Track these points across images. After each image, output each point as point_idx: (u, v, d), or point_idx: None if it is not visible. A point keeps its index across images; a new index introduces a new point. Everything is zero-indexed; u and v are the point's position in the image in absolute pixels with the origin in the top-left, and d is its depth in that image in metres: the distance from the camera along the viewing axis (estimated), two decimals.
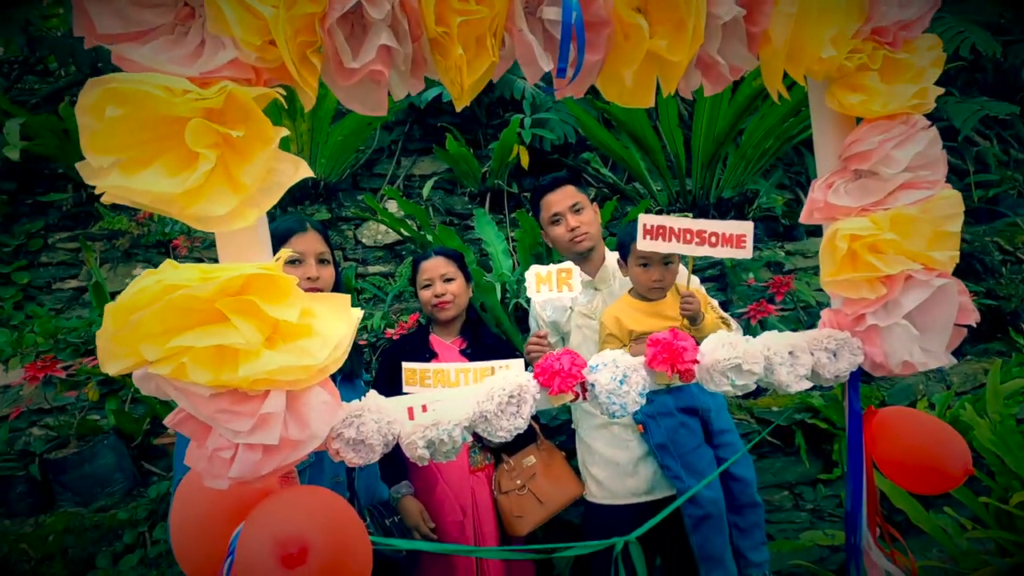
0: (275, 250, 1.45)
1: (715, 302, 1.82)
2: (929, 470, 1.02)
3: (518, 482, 1.73)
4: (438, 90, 3.32)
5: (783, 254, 3.24)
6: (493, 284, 2.67)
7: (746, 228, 1.31)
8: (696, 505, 1.55)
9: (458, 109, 0.86)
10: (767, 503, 2.62)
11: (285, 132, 0.73)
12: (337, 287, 1.55)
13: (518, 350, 1.86)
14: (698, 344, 0.97)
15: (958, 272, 3.06)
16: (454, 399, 0.89)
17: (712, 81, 0.99)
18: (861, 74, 0.96)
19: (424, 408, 0.88)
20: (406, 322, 2.53)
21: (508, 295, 2.74)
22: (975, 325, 0.97)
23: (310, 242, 1.48)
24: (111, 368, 0.68)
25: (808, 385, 1.00)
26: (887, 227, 0.94)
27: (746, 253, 1.31)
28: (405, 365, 1.47)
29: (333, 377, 1.50)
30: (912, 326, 0.96)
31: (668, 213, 3.24)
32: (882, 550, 1.13)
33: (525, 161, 3.21)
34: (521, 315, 2.67)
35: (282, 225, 1.50)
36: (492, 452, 1.78)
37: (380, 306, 2.86)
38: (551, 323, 1.94)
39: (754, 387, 0.98)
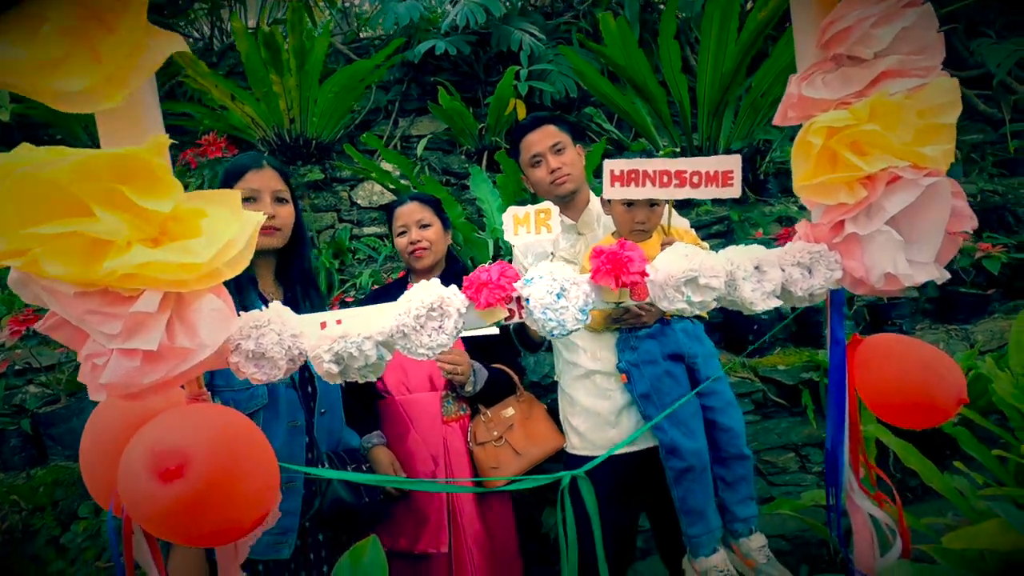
0: (230, 187, 1.41)
1: (706, 245, 1.70)
2: (916, 401, 0.90)
3: (495, 433, 1.66)
4: (431, 43, 3.20)
5: (796, 208, 3.06)
6: (485, 240, 2.58)
7: (733, 163, 1.16)
8: (678, 457, 1.46)
9: None
10: (772, 465, 2.51)
11: None
12: (298, 228, 1.49)
13: None
14: None
15: (988, 224, 2.86)
16: (373, 313, 0.81)
17: None
18: None
19: (339, 322, 0.81)
20: (395, 279, 2.47)
21: (502, 252, 2.65)
22: (971, 230, 0.84)
23: (266, 179, 1.41)
24: None
25: (776, 303, 0.89)
26: (867, 117, 0.81)
27: (734, 191, 1.17)
28: None
29: None
30: (896, 233, 0.84)
31: None
32: (866, 492, 1.02)
33: (523, 115, 3.08)
34: None
35: (237, 161, 1.44)
36: (469, 403, 1.71)
37: (373, 266, 2.80)
38: None
39: (714, 304, 0.88)
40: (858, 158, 0.83)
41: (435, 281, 0.82)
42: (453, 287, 0.83)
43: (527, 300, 0.83)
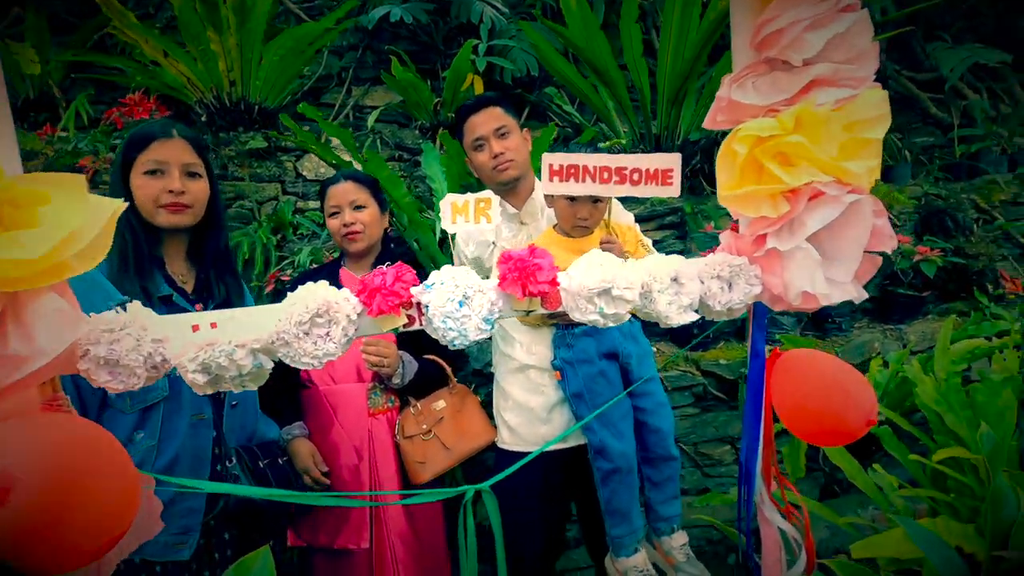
0: (132, 158, 1.29)
1: (648, 241, 1.67)
2: (827, 424, 0.89)
3: (424, 426, 1.61)
4: (386, 9, 3.04)
5: None
6: (431, 222, 2.49)
7: (672, 161, 1.13)
8: (605, 458, 1.44)
9: None
10: (708, 457, 2.55)
11: None
12: (214, 206, 1.37)
13: None
14: None
15: (929, 227, 2.91)
16: (253, 316, 0.74)
17: None
18: None
19: (214, 325, 0.73)
20: (329, 260, 2.36)
21: (450, 234, 2.57)
22: (890, 251, 0.82)
23: (174, 150, 1.29)
24: None
25: (693, 317, 0.86)
26: (792, 127, 0.77)
27: (673, 190, 1.14)
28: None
29: (204, 306, 1.35)
30: (816, 250, 0.81)
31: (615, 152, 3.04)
32: (776, 505, 1.02)
33: (480, 91, 2.97)
34: None
35: (142, 129, 1.31)
36: (398, 395, 1.65)
37: (315, 242, 2.68)
38: (473, 259, 1.79)
39: (627, 317, 0.84)
40: (782, 170, 0.79)
41: (323, 283, 0.75)
42: (345, 290, 0.76)
43: (426, 307, 0.77)
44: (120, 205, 0.67)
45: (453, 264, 1.70)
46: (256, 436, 1.41)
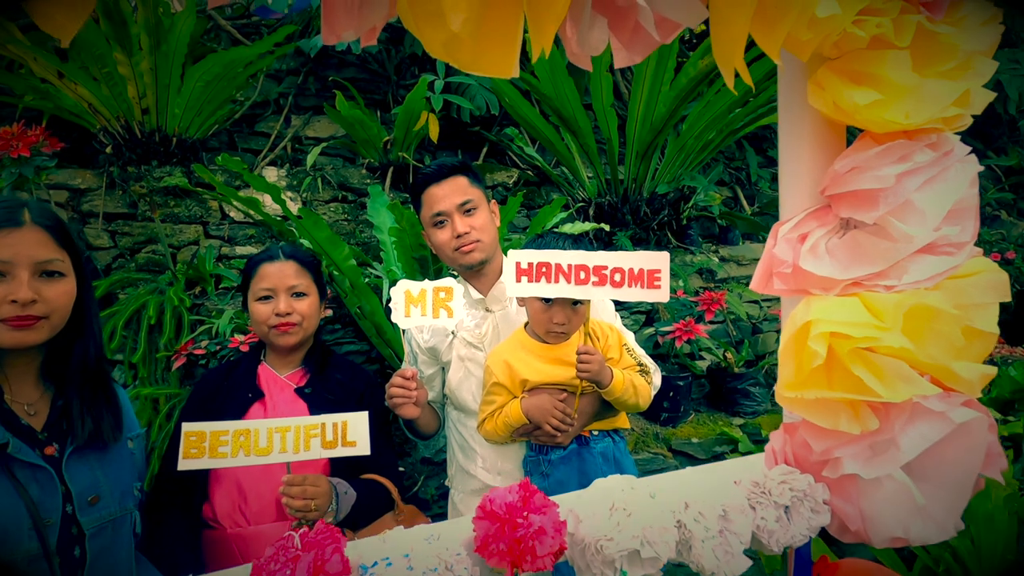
0: None
1: (630, 337, 1.44)
2: None
3: None
4: None
5: (716, 260, 2.93)
6: (378, 285, 2.19)
7: (660, 262, 0.99)
8: None
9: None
10: None
11: None
12: (83, 313, 1.04)
13: (380, 388, 1.41)
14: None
15: None
16: None
17: (627, 41, 0.56)
18: (876, 54, 0.55)
19: None
20: (247, 350, 1.99)
21: None
22: (999, 476, 0.61)
23: (22, 245, 0.95)
24: None
25: (746, 565, 0.61)
26: (898, 326, 0.55)
27: (662, 295, 1.00)
28: (185, 428, 1.00)
29: (60, 447, 1.01)
30: (912, 482, 0.59)
31: (592, 204, 2.84)
32: None
33: (435, 132, 2.69)
34: None
35: None
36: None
37: (239, 300, 2.31)
38: (429, 349, 1.51)
39: None
40: (873, 377, 0.56)
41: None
42: None
43: None
44: None
45: (404, 356, 1.42)
46: None
